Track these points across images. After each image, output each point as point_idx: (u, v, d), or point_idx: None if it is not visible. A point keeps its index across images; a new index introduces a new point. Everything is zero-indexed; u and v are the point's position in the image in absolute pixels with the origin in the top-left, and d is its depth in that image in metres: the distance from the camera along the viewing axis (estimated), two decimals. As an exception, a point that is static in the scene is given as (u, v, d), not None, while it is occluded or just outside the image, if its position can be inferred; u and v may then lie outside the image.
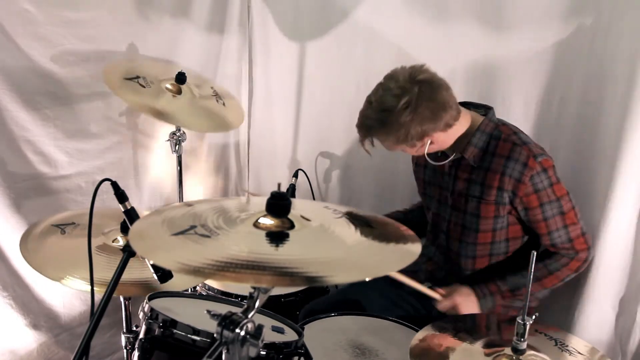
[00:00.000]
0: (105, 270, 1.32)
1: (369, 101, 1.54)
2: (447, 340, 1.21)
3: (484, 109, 1.63)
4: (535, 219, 1.55)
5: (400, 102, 1.45)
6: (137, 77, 1.89)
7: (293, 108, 2.43)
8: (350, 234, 0.96)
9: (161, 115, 1.89)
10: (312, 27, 2.30)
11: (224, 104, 2.11)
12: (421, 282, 1.78)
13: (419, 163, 1.81)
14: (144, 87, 1.88)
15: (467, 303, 1.59)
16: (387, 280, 1.55)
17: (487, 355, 1.15)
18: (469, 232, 1.64)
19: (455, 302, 1.59)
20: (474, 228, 1.62)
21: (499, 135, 1.56)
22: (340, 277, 0.84)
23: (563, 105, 1.81)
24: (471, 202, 1.60)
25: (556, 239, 1.56)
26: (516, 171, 1.50)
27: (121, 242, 1.49)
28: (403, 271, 1.08)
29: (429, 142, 1.53)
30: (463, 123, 1.57)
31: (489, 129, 1.57)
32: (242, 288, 1.81)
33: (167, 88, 1.97)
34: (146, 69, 1.96)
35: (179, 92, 1.98)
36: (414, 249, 0.93)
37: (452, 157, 1.61)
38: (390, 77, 1.51)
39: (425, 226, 1.84)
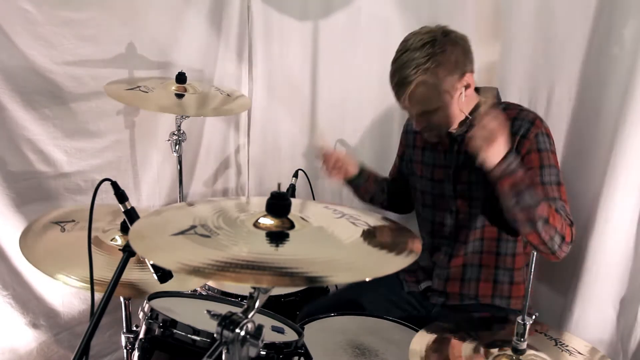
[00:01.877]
0: (101, 269, 1.31)
1: (402, 50, 1.50)
2: (446, 340, 1.21)
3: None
4: (534, 181, 1.47)
5: (439, 33, 1.47)
6: (138, 86, 1.93)
7: (294, 108, 2.43)
8: (350, 233, 0.96)
9: (168, 108, 1.96)
10: (318, 22, 2.27)
11: (228, 95, 2.16)
12: (420, 281, 1.77)
13: (416, 145, 1.76)
14: (146, 92, 1.92)
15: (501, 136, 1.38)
16: (387, 280, 1.54)
17: (487, 355, 1.15)
18: (477, 203, 1.60)
19: (492, 127, 1.36)
20: (481, 197, 1.58)
21: (505, 107, 1.57)
22: (340, 277, 0.84)
23: (557, 106, 1.81)
24: (478, 171, 1.51)
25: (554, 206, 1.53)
26: (523, 128, 1.50)
27: (119, 240, 1.47)
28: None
29: (464, 88, 1.51)
30: (475, 97, 1.58)
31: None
32: (241, 287, 1.81)
33: (169, 89, 2.00)
34: (145, 80, 2.03)
35: (182, 90, 2.01)
36: (414, 249, 0.93)
37: (458, 131, 1.58)
38: (414, 33, 1.52)
39: (405, 197, 1.83)
